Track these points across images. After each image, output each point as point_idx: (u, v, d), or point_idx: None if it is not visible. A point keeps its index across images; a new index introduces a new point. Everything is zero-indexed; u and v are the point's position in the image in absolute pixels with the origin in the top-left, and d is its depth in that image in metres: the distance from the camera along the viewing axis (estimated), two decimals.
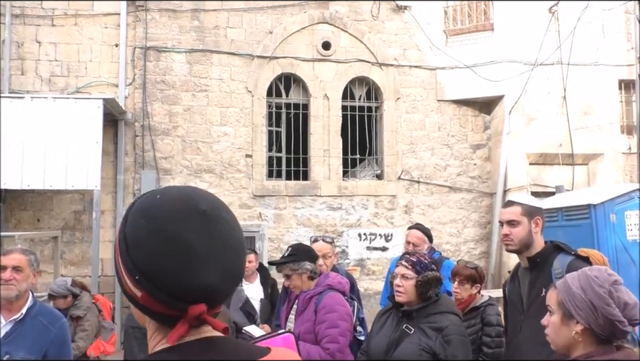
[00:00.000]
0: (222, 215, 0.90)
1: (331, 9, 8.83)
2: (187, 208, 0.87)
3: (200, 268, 0.84)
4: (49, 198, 7.79)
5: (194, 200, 0.89)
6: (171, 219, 0.86)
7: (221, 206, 0.92)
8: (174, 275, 0.83)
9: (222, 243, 0.87)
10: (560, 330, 1.68)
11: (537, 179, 8.97)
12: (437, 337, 2.53)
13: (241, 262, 0.91)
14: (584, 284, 1.65)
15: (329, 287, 3.08)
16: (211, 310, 0.86)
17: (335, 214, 8.67)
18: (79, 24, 8.09)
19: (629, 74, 9.36)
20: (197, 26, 8.40)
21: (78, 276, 7.49)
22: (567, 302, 1.66)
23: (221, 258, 0.87)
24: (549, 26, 8.99)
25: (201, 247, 0.85)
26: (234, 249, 0.89)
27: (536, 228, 2.51)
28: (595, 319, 1.60)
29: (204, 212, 0.87)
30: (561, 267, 2.26)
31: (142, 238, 0.85)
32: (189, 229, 0.85)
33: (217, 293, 0.86)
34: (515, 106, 8.83)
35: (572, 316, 1.64)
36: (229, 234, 0.89)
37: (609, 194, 6.12)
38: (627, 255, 5.87)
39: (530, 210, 2.53)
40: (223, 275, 0.86)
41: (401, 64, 9.01)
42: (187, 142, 8.26)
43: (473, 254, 9.00)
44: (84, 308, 4.79)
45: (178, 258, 0.83)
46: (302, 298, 3.10)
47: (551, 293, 1.76)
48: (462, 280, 3.46)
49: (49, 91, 7.78)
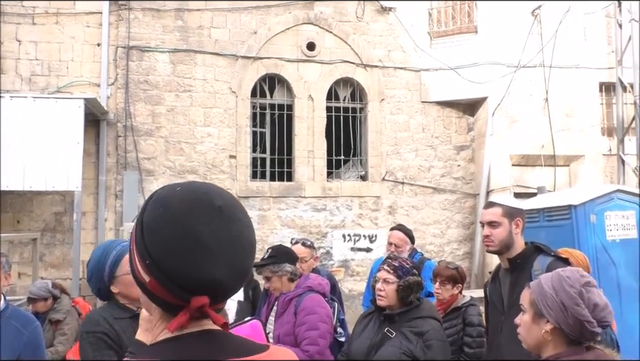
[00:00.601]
0: (236, 214, 0.93)
1: (315, 10, 8.83)
2: (202, 202, 0.91)
3: (208, 262, 0.87)
4: (29, 199, 7.67)
5: (211, 195, 0.92)
6: (186, 211, 0.89)
7: (236, 205, 0.96)
8: (182, 265, 0.86)
9: (233, 240, 0.90)
10: (531, 328, 1.71)
11: (520, 180, 9.06)
12: (417, 341, 2.55)
13: (250, 261, 0.94)
14: (556, 284, 1.67)
15: (309, 289, 3.07)
16: (215, 305, 0.89)
17: (319, 215, 8.66)
18: (60, 22, 7.97)
19: (609, 77, 9.50)
20: (181, 26, 8.34)
21: (59, 278, 7.39)
22: (539, 301, 1.68)
23: (231, 255, 0.89)
24: (532, 29, 9.09)
25: (211, 241, 0.88)
26: (244, 247, 0.92)
27: (516, 229, 2.53)
28: (565, 319, 1.62)
29: (219, 208, 0.91)
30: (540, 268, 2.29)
31: (157, 225, 0.89)
32: (202, 222, 0.89)
33: (222, 288, 0.88)
34: (498, 108, 8.91)
35: (542, 315, 1.67)
36: (241, 232, 0.92)
37: (589, 195, 6.18)
38: (607, 255, 5.94)
39: (510, 212, 2.56)
40: (230, 271, 0.89)
41: (385, 65, 9.04)
42: (170, 142, 8.19)
43: (457, 255, 9.06)
44: (63, 311, 4.73)
45: (188, 249, 0.87)
46: (282, 300, 3.09)
47: (525, 292, 1.78)
48: (443, 280, 3.49)
49: (29, 91, 7.65)
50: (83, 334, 2.05)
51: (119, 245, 2.19)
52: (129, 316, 2.11)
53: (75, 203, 7.17)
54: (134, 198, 7.89)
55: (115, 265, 2.12)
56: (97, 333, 2.02)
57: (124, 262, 2.12)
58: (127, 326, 2.07)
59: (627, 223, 6.12)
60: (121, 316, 2.10)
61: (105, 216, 7.88)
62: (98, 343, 2.00)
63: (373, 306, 2.83)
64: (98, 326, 2.04)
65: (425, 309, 2.72)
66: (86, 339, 2.02)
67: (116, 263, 2.13)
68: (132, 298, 2.13)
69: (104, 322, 2.06)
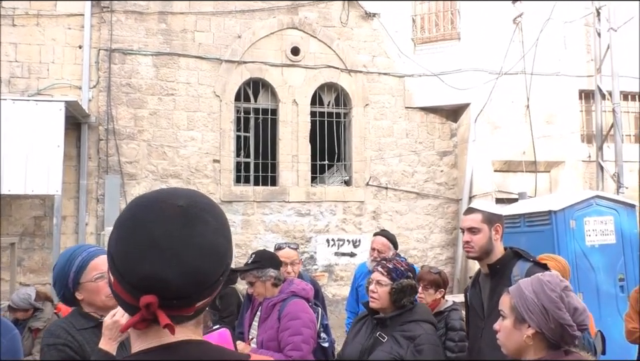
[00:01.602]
0: (202, 216, 0.91)
1: (300, 15, 8.85)
2: (162, 202, 0.90)
3: (155, 259, 0.85)
4: (8, 203, 7.53)
5: (175, 196, 0.92)
6: (143, 209, 0.90)
7: (205, 207, 0.92)
8: (130, 261, 0.86)
9: (188, 240, 0.87)
10: (511, 334, 1.71)
11: (502, 186, 9.16)
12: (408, 346, 2.52)
13: (207, 263, 0.88)
14: (536, 288, 1.68)
15: (292, 294, 3.06)
16: (171, 308, 0.86)
17: (304, 220, 8.65)
18: (41, 24, 7.87)
19: (588, 84, 9.68)
20: (164, 29, 8.29)
21: (38, 283, 7.27)
22: (520, 306, 1.68)
23: (183, 255, 0.86)
24: (514, 37, 9.22)
25: (162, 239, 0.86)
26: (201, 249, 0.88)
27: (496, 235, 2.55)
28: (547, 323, 1.63)
29: (180, 208, 0.89)
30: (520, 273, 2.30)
31: (117, 224, 0.91)
32: (156, 220, 0.88)
33: (169, 287, 0.85)
34: (481, 114, 9.01)
35: (524, 319, 1.67)
36: (202, 234, 0.89)
37: (569, 201, 6.27)
38: (586, 260, 6.03)
39: (490, 218, 2.58)
40: (181, 272, 0.85)
41: (369, 70, 9.09)
42: (153, 146, 8.12)
43: (440, 260, 9.11)
44: (44, 319, 4.64)
45: (137, 246, 0.86)
46: (265, 305, 3.07)
47: (504, 298, 1.78)
48: (426, 285, 3.50)
49: (9, 93, 7.53)
50: (44, 347, 1.97)
51: (84, 251, 2.13)
52: (93, 325, 2.04)
53: (55, 207, 7.06)
54: (116, 202, 7.80)
55: (80, 271, 2.06)
56: (58, 345, 1.95)
57: (90, 269, 2.06)
58: (91, 335, 2.01)
59: (606, 228, 6.23)
60: (84, 326, 2.03)
61: (86, 220, 7.77)
62: (59, 355, 1.94)
63: (366, 309, 2.81)
64: (58, 338, 1.97)
65: (418, 312, 2.69)
66: (47, 352, 1.95)
67: (81, 269, 2.06)
68: (96, 305, 2.08)
69: (64, 333, 1.98)
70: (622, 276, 6.11)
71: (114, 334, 1.95)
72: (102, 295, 2.06)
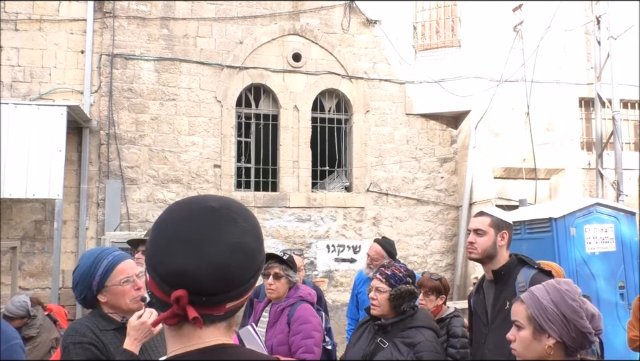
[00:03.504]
0: (232, 216, 0.93)
1: (301, 21, 8.89)
2: (196, 203, 0.95)
3: (183, 253, 0.88)
4: (9, 206, 7.53)
5: (208, 199, 0.96)
6: (176, 210, 0.95)
7: (238, 211, 0.96)
8: (160, 255, 0.90)
9: (216, 237, 0.90)
10: (531, 344, 1.68)
11: (502, 193, 9.17)
12: (408, 353, 2.51)
13: (236, 262, 0.90)
14: (555, 297, 1.65)
15: (300, 299, 3.07)
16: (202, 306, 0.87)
17: (304, 225, 8.65)
18: (43, 29, 7.90)
19: (588, 92, 9.71)
20: (166, 34, 8.32)
21: (37, 288, 7.27)
22: (538, 316, 1.65)
23: (210, 250, 0.89)
24: (514, 44, 9.26)
25: (191, 234, 0.90)
26: (230, 247, 0.90)
27: (501, 242, 2.54)
28: (568, 332, 1.61)
29: (211, 208, 0.93)
30: (524, 280, 2.30)
31: (153, 226, 0.97)
32: (186, 218, 0.92)
33: (196, 281, 0.87)
34: (481, 121, 9.03)
35: (544, 330, 1.64)
36: (231, 232, 0.91)
37: (569, 208, 6.27)
38: (587, 268, 6.03)
39: (498, 223, 2.57)
40: (208, 266, 0.88)
41: (370, 77, 9.12)
42: (154, 151, 8.13)
43: (439, 266, 9.11)
44: (36, 326, 4.60)
45: (167, 241, 0.90)
46: (274, 310, 3.08)
47: (518, 307, 1.74)
48: (427, 291, 3.50)
49: (11, 97, 7.54)
50: (69, 345, 1.93)
51: (110, 254, 2.12)
52: (114, 327, 2.04)
53: (56, 211, 7.05)
54: (116, 207, 7.80)
55: (107, 274, 2.05)
56: (84, 343, 1.93)
57: (116, 272, 2.06)
58: (112, 337, 2.00)
59: (606, 236, 6.23)
60: (105, 328, 2.03)
61: (87, 224, 7.77)
62: (85, 354, 1.92)
63: (368, 314, 2.81)
64: (84, 336, 1.95)
65: (419, 318, 2.68)
66: (72, 350, 1.91)
67: (107, 272, 2.06)
68: (120, 308, 2.08)
69: (90, 332, 1.97)
70: (622, 284, 6.11)
71: (140, 335, 1.96)
72: (127, 298, 2.07)
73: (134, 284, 2.11)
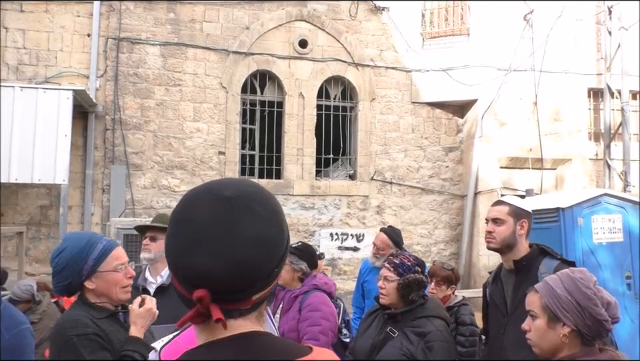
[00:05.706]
0: (250, 205, 0.87)
1: (309, 7, 8.80)
2: (210, 193, 0.89)
3: (199, 253, 0.83)
4: (14, 192, 7.51)
5: (223, 187, 0.89)
6: (190, 203, 0.89)
7: (256, 198, 0.89)
8: (177, 255, 0.86)
9: (233, 232, 0.84)
10: (546, 333, 1.68)
11: (508, 182, 9.13)
12: (418, 342, 2.49)
13: (257, 257, 0.85)
14: (569, 285, 1.65)
15: (314, 287, 3.06)
16: (224, 302, 0.84)
17: (308, 213, 8.64)
18: (49, 11, 7.82)
19: (597, 83, 9.64)
20: (173, 18, 8.24)
21: (43, 273, 7.26)
22: (553, 305, 1.66)
23: (228, 248, 0.84)
24: (523, 34, 9.17)
25: (206, 232, 0.84)
26: (249, 241, 0.85)
27: (521, 231, 2.49)
28: (583, 320, 1.61)
29: (226, 199, 0.87)
30: (547, 271, 2.26)
31: (170, 220, 0.91)
32: (200, 212, 0.86)
33: (216, 281, 0.83)
34: (488, 111, 8.97)
35: (558, 318, 1.65)
36: (250, 225, 0.86)
37: (577, 198, 6.24)
38: (594, 258, 6.01)
39: (517, 212, 2.52)
40: (226, 265, 0.83)
41: (377, 65, 9.05)
42: (159, 137, 8.10)
43: (443, 255, 9.11)
44: (39, 312, 4.54)
45: (183, 241, 0.85)
46: (288, 297, 3.08)
47: (532, 297, 1.74)
48: (439, 280, 3.50)
49: (16, 80, 7.48)
50: (73, 338, 1.84)
51: (102, 238, 2.03)
52: (105, 315, 1.96)
53: (62, 197, 7.04)
54: (121, 193, 7.78)
55: (101, 259, 1.95)
56: (90, 335, 1.86)
57: (111, 257, 1.97)
58: (108, 326, 1.94)
59: (614, 226, 6.21)
60: (99, 317, 1.94)
61: (92, 210, 7.76)
62: (92, 345, 1.85)
63: (377, 303, 2.80)
64: (87, 327, 1.87)
65: (429, 308, 2.66)
66: (77, 342, 1.83)
67: (102, 257, 1.96)
68: (109, 296, 1.98)
69: (91, 323, 1.90)
70: (629, 274, 6.10)
71: (146, 322, 1.92)
72: (118, 286, 1.98)
73: (127, 272, 2.02)
